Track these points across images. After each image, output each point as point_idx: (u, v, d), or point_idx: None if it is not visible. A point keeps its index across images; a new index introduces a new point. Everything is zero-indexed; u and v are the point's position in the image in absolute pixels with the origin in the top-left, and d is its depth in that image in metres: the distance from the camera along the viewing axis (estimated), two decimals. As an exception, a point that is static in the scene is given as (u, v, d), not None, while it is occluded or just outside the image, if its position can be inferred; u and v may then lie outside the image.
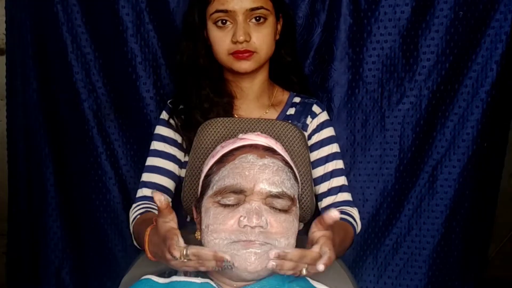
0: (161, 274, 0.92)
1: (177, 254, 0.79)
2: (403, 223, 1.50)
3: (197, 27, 1.18)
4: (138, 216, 1.09)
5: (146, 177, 1.19)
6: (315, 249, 0.81)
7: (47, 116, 1.51)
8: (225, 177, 0.88)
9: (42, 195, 1.55)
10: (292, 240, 0.88)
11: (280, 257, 0.77)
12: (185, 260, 0.79)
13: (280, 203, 0.87)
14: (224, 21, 1.12)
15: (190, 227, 1.02)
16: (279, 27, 1.20)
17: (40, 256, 1.58)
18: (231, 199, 0.86)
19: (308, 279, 0.92)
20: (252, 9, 1.11)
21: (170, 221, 0.83)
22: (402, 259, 1.52)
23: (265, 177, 0.87)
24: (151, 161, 1.20)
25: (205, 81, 1.20)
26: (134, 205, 1.14)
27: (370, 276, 1.54)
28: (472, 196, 1.46)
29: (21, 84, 1.49)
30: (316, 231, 0.85)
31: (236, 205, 0.86)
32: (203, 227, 0.88)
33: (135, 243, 1.09)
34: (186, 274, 0.91)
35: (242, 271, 0.83)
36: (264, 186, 0.86)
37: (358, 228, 1.16)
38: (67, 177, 1.54)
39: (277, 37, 1.20)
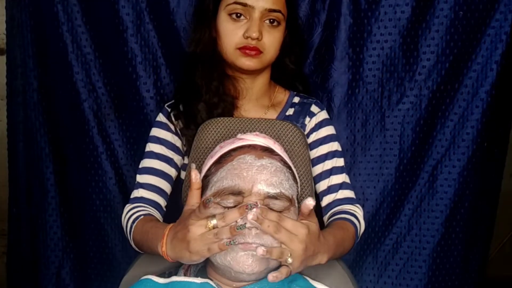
0: (161, 274, 0.92)
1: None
2: (403, 223, 1.50)
3: (211, 16, 1.17)
4: (142, 216, 1.06)
5: (142, 178, 1.15)
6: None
7: (47, 116, 1.51)
8: (223, 179, 0.88)
9: (42, 195, 1.55)
10: None
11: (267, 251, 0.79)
12: (211, 227, 0.81)
13: (277, 204, 0.87)
14: (239, 15, 1.12)
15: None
16: (284, 35, 1.20)
17: (40, 256, 1.58)
18: (230, 201, 0.86)
19: (308, 279, 0.92)
20: (271, 10, 1.11)
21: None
22: (402, 259, 1.52)
23: (263, 178, 0.87)
24: (148, 162, 1.17)
25: (215, 73, 1.18)
26: (130, 205, 1.11)
27: (370, 276, 1.54)
28: (472, 196, 1.46)
29: (21, 84, 1.50)
30: None
31: (234, 207, 0.85)
32: None
33: (132, 243, 1.06)
34: (186, 274, 0.92)
35: (240, 273, 0.83)
36: (262, 187, 0.86)
37: (361, 226, 1.13)
38: (67, 177, 1.54)
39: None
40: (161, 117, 1.21)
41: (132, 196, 1.14)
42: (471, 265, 1.52)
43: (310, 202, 0.82)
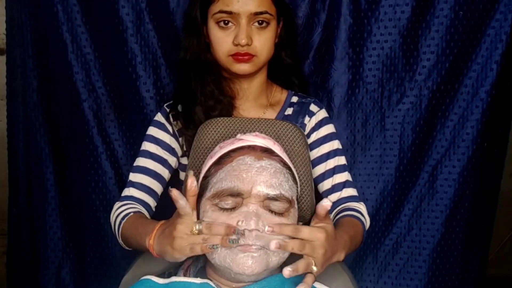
0: (161, 275, 0.92)
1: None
2: (403, 223, 1.50)
3: (199, 24, 1.17)
4: (132, 214, 1.06)
5: (135, 177, 1.15)
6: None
7: (47, 116, 1.51)
8: (223, 180, 0.87)
9: (42, 195, 1.55)
10: None
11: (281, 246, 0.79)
12: (195, 232, 0.82)
13: (277, 205, 0.86)
14: (226, 22, 1.11)
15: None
16: (278, 30, 1.20)
17: (40, 256, 1.58)
18: (228, 202, 0.85)
19: (308, 279, 0.92)
20: (256, 13, 1.10)
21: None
22: (402, 259, 1.52)
23: (262, 179, 0.86)
24: (142, 162, 1.17)
25: (209, 77, 1.18)
26: (120, 203, 1.10)
27: (370, 276, 1.54)
28: (472, 196, 1.46)
29: (21, 84, 1.50)
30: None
31: (234, 208, 0.85)
32: None
33: (119, 239, 1.06)
34: (185, 274, 0.92)
35: (239, 274, 0.83)
36: (262, 189, 0.86)
37: (367, 223, 1.13)
38: (67, 177, 1.55)
39: (276, 40, 1.20)
40: (159, 117, 1.21)
41: (123, 194, 1.14)
42: (471, 265, 1.52)
43: (327, 203, 0.80)
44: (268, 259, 0.83)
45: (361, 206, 1.15)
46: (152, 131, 1.20)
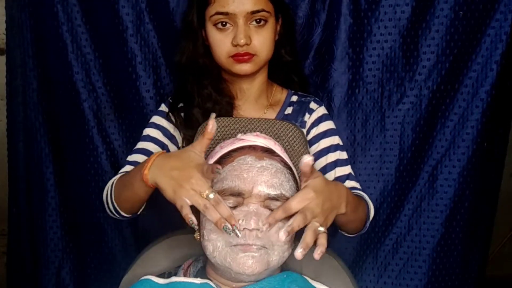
0: (161, 275, 0.92)
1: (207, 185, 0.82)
2: (403, 223, 1.50)
3: (196, 27, 1.17)
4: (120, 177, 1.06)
5: (132, 157, 1.15)
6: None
7: (47, 116, 1.51)
8: (224, 180, 0.87)
9: (42, 195, 1.55)
10: (289, 244, 0.87)
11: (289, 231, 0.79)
12: (203, 195, 0.81)
13: (278, 205, 0.86)
14: (224, 23, 1.11)
15: (189, 228, 1.01)
16: (278, 27, 1.20)
17: (40, 256, 1.58)
18: (230, 201, 0.86)
19: (308, 279, 0.92)
20: (253, 12, 1.10)
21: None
22: (402, 259, 1.52)
23: (263, 179, 0.86)
24: (141, 144, 1.17)
25: (206, 80, 1.19)
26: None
27: (370, 276, 1.54)
28: (472, 196, 1.46)
29: (21, 84, 1.49)
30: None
31: (235, 207, 0.85)
32: (202, 228, 0.88)
33: (110, 202, 1.04)
34: (185, 274, 0.92)
35: (240, 274, 0.83)
36: (263, 189, 0.86)
37: (371, 208, 1.12)
38: (67, 177, 1.54)
39: (276, 37, 1.20)
40: (163, 107, 1.22)
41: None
42: (471, 265, 1.52)
43: (308, 159, 0.80)
44: (268, 259, 0.83)
45: (366, 196, 1.13)
46: (155, 119, 1.21)
